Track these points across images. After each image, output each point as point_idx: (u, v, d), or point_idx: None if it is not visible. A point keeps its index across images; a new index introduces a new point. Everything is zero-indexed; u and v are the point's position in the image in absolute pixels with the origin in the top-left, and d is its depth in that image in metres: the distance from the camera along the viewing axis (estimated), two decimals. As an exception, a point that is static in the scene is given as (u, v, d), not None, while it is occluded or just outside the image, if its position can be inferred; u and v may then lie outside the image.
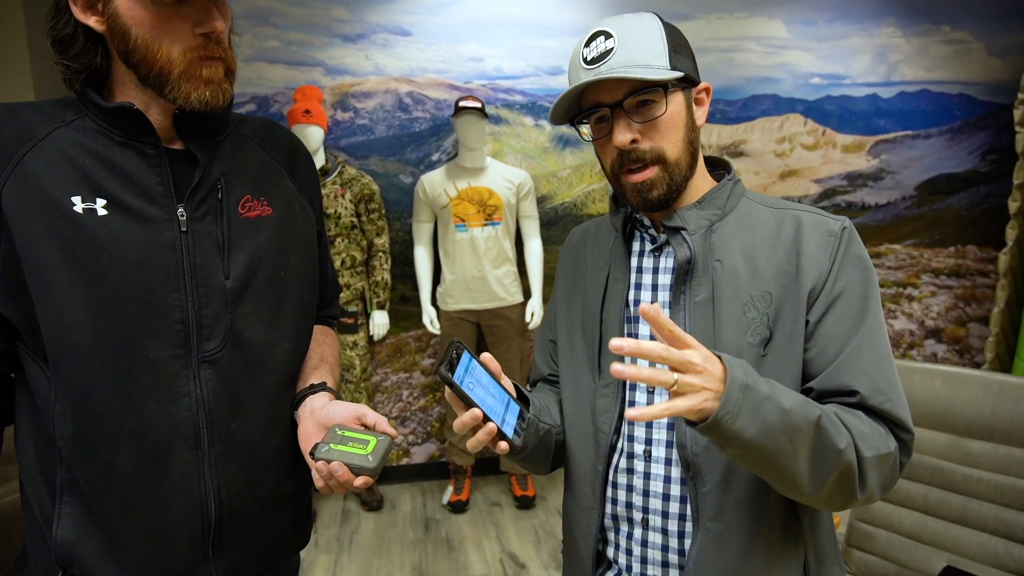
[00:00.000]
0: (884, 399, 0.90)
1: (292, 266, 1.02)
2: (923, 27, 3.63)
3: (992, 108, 3.72)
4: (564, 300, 1.13)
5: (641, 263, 1.03)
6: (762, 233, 0.97)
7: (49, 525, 0.92)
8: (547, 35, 3.42)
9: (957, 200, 3.78)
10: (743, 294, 0.94)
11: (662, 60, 0.93)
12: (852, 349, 0.90)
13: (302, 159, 1.10)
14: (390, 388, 3.54)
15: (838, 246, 0.93)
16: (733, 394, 0.78)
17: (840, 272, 0.92)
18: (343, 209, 3.09)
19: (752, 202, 1.01)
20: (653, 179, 0.95)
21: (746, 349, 0.92)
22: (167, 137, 0.94)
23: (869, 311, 0.92)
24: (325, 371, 1.07)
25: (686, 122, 0.96)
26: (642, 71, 0.91)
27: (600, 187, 3.57)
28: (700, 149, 1.00)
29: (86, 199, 0.87)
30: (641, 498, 1.00)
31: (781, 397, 0.81)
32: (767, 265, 0.94)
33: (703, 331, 0.94)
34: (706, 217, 0.98)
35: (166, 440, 0.91)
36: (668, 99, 0.93)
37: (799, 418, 0.81)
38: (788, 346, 0.92)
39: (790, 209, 0.99)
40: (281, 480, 1.02)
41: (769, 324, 0.92)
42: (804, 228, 0.95)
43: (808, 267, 0.93)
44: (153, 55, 0.86)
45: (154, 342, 0.89)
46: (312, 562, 2.87)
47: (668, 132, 0.94)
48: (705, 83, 1.00)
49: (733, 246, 0.96)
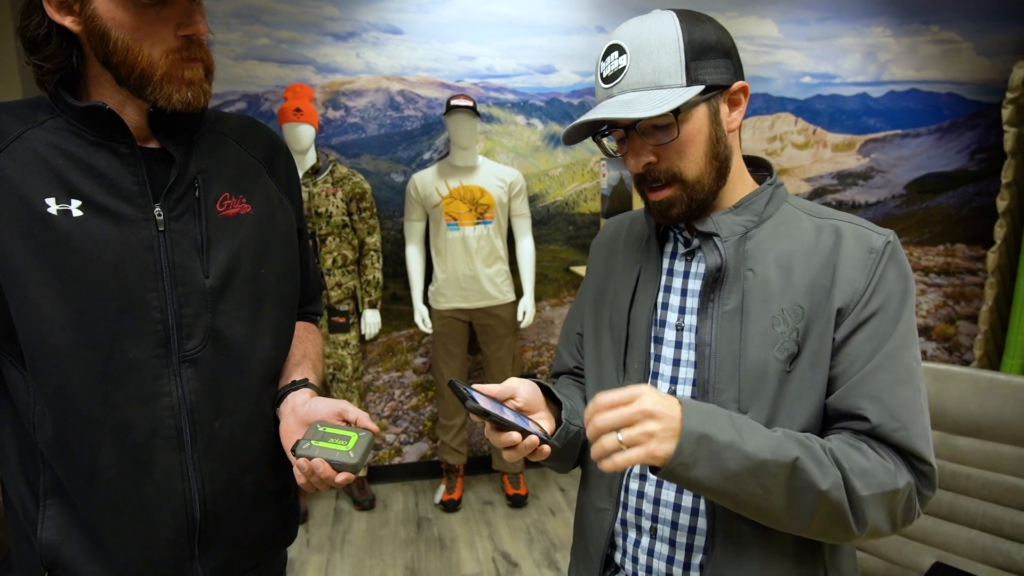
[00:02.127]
0: (897, 427, 0.84)
1: (272, 263, 1.02)
2: (912, 27, 3.65)
3: (981, 107, 3.74)
4: (593, 294, 1.10)
5: (673, 265, 1.00)
6: (800, 242, 0.92)
7: (33, 527, 0.92)
8: (539, 34, 3.42)
9: (946, 199, 3.81)
10: (773, 306, 0.89)
11: (676, 76, 0.87)
12: (868, 371, 0.85)
13: (281, 156, 1.10)
14: (382, 387, 3.53)
15: (878, 264, 0.88)
16: (687, 445, 0.76)
17: (875, 292, 0.87)
18: (334, 208, 3.08)
19: (793, 208, 0.96)
20: (671, 198, 0.91)
21: (771, 364, 0.88)
22: (142, 136, 0.93)
23: (896, 332, 0.86)
24: (307, 368, 1.07)
25: (708, 136, 0.90)
26: (650, 97, 0.86)
27: (592, 186, 3.58)
28: (734, 154, 0.94)
29: (60, 200, 0.86)
30: (651, 506, 0.97)
31: (746, 442, 0.78)
32: (802, 277, 0.89)
33: (729, 342, 0.90)
34: (741, 223, 0.93)
35: (148, 440, 0.90)
36: (681, 121, 0.88)
37: (768, 462, 0.78)
38: (815, 364, 0.87)
39: (832, 218, 0.93)
40: (265, 478, 1.02)
41: (798, 339, 0.88)
42: (844, 241, 0.90)
43: (842, 283, 0.88)
44: (134, 57, 0.85)
45: (133, 342, 0.89)
46: (304, 562, 2.87)
47: (686, 151, 0.90)
48: (740, 83, 0.92)
49: (768, 255, 0.92)
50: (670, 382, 0.96)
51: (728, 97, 0.92)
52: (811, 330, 0.88)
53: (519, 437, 0.86)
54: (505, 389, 0.92)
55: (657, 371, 0.98)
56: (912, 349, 0.88)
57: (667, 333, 0.98)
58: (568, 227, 3.59)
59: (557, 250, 3.60)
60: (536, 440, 0.87)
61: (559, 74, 3.47)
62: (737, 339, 0.90)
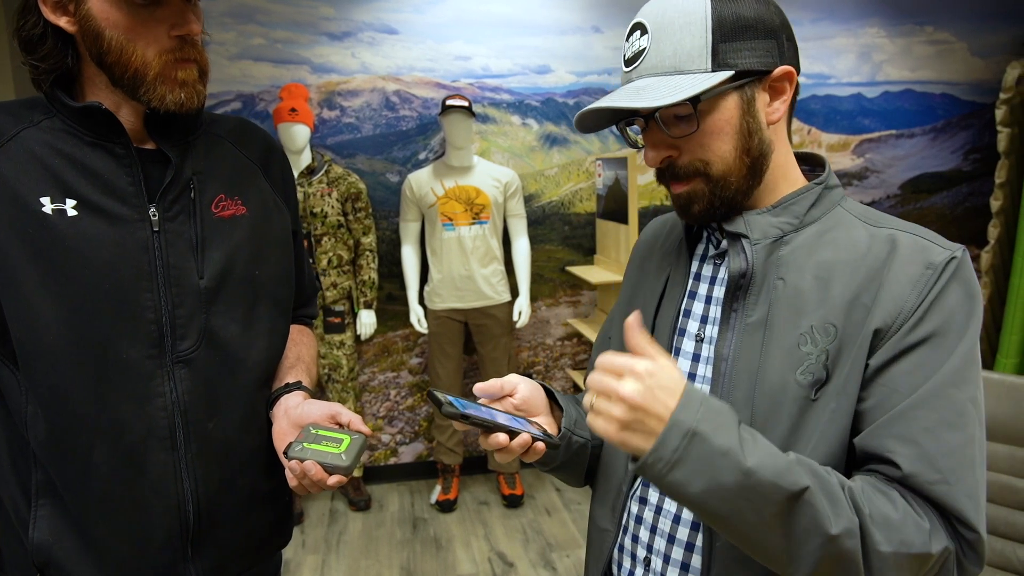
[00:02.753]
0: (936, 479, 0.69)
1: (267, 265, 1.02)
2: (907, 27, 3.66)
3: (975, 108, 3.75)
4: (626, 299, 1.01)
5: (701, 270, 0.89)
6: (847, 252, 0.78)
7: (25, 527, 0.91)
8: (534, 34, 3.42)
9: (940, 199, 3.82)
10: (803, 322, 0.77)
11: (700, 60, 0.76)
12: (906, 407, 0.71)
13: (276, 158, 1.10)
14: (377, 387, 3.53)
15: (935, 282, 0.74)
16: (671, 439, 0.65)
17: (928, 316, 0.73)
18: (330, 208, 3.08)
19: (847, 213, 0.83)
20: (691, 193, 0.81)
21: (791, 388, 0.76)
22: (138, 137, 0.93)
23: (948, 366, 0.72)
24: (301, 370, 1.07)
25: (739, 128, 0.79)
26: (665, 84, 0.76)
27: (587, 186, 3.58)
28: (775, 149, 0.82)
29: (55, 200, 0.86)
30: (648, 534, 0.87)
31: (747, 454, 0.65)
32: (842, 292, 0.76)
33: (748, 359, 0.79)
34: (778, 225, 0.81)
35: (142, 441, 0.90)
36: (703, 111, 0.78)
37: (768, 485, 0.65)
38: (842, 393, 0.74)
39: (892, 227, 0.80)
40: (259, 479, 1.02)
41: (827, 363, 0.75)
42: (898, 253, 0.76)
43: (885, 301, 0.74)
44: (128, 57, 0.85)
45: (128, 343, 0.89)
46: (300, 562, 2.86)
47: (710, 145, 0.79)
48: (783, 68, 0.79)
49: (805, 264, 0.79)
50: None
51: (769, 84, 0.79)
52: (843, 354, 0.75)
53: (506, 439, 0.80)
54: (506, 383, 0.88)
55: None
56: (968, 389, 0.73)
57: (686, 344, 0.88)
58: (564, 227, 3.59)
59: (553, 250, 3.60)
60: (527, 439, 0.81)
61: (555, 74, 3.48)
62: (757, 356, 0.78)
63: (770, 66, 0.78)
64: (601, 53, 3.48)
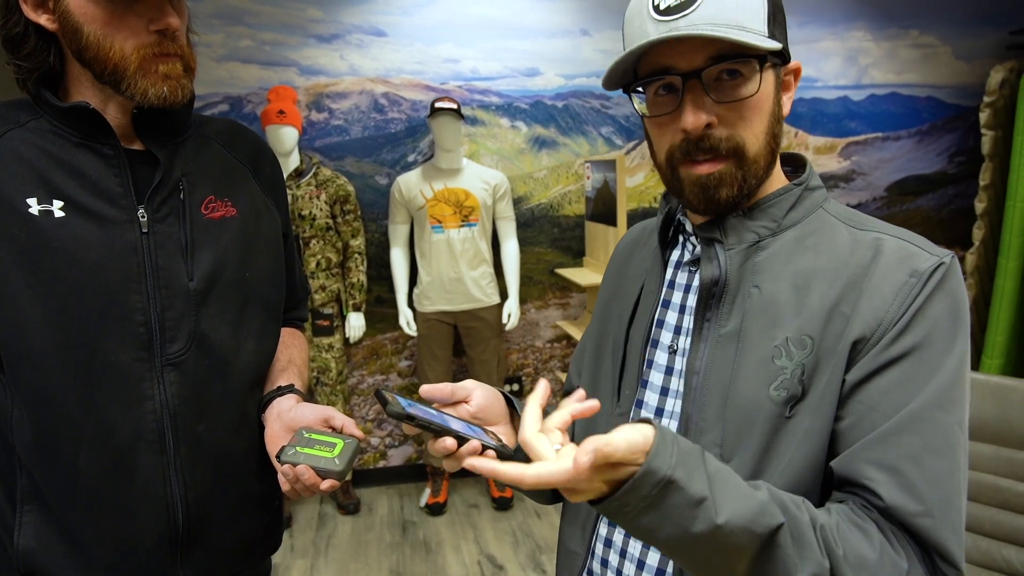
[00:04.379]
0: (919, 511, 0.64)
1: (257, 267, 1.01)
2: (892, 31, 3.69)
3: (959, 111, 3.79)
4: (601, 309, 0.96)
5: (675, 277, 0.84)
6: (828, 258, 0.73)
7: (10, 534, 0.90)
8: (523, 37, 3.42)
9: (926, 201, 3.85)
10: (778, 333, 0.71)
11: (760, 24, 0.70)
12: (887, 431, 0.65)
13: (267, 160, 1.09)
14: (367, 390, 3.52)
15: (919, 291, 0.68)
16: (643, 487, 0.57)
17: (910, 327, 0.67)
18: (318, 211, 3.07)
19: (830, 217, 0.77)
20: (722, 174, 0.73)
21: (764, 404, 0.70)
22: (126, 137, 0.92)
23: (933, 385, 0.66)
24: (293, 373, 1.06)
25: (772, 109, 0.74)
26: (738, 34, 0.68)
27: (576, 188, 3.59)
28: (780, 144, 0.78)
29: (42, 200, 0.85)
30: (617, 558, 0.81)
31: (719, 506, 0.58)
32: (821, 301, 0.70)
33: (720, 372, 0.74)
34: (754, 229, 0.76)
35: (130, 444, 0.89)
36: (763, 76, 0.71)
37: (740, 533, 0.59)
38: (817, 410, 0.69)
39: (877, 231, 0.74)
40: (250, 483, 1.01)
41: (803, 378, 0.69)
42: (881, 258, 0.71)
43: (865, 310, 0.68)
44: (106, 52, 0.85)
45: (116, 345, 0.88)
46: (288, 566, 2.84)
47: (753, 118, 0.73)
48: (796, 62, 0.76)
49: (782, 271, 0.74)
50: (655, 414, 0.81)
51: (783, 77, 0.76)
52: (821, 368, 0.69)
53: (453, 444, 0.73)
54: (458, 389, 0.81)
55: (643, 399, 0.83)
56: (955, 412, 0.66)
57: (659, 356, 0.82)
58: (553, 229, 3.60)
59: (542, 252, 3.60)
60: (477, 446, 0.74)
61: (543, 77, 3.48)
62: (729, 370, 0.73)
63: (788, 58, 0.75)
64: (590, 56, 3.49)
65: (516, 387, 3.64)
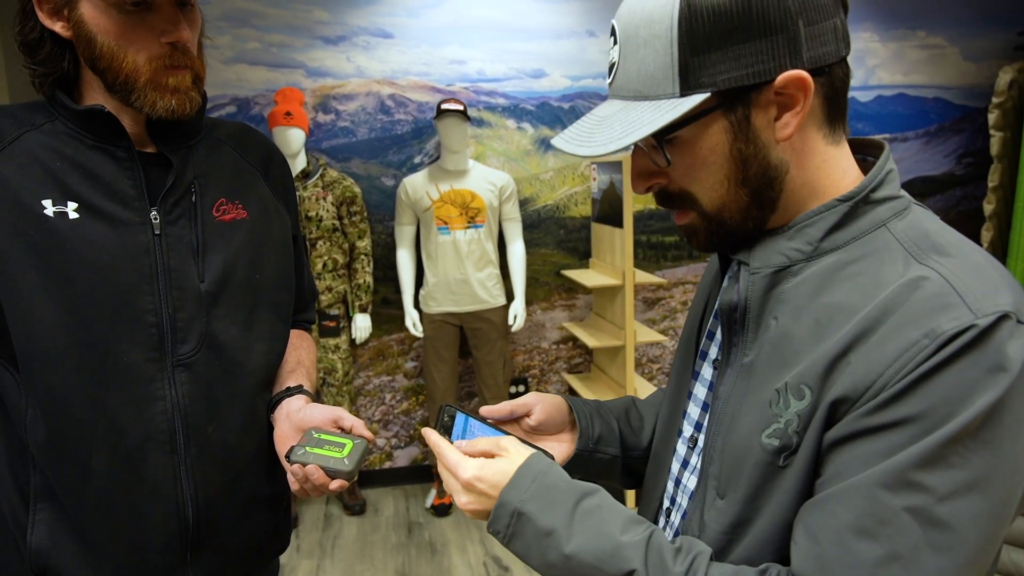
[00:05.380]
0: None
1: (267, 269, 1.02)
2: (899, 32, 3.68)
3: (967, 112, 3.78)
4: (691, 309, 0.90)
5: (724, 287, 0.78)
6: (861, 294, 0.61)
7: (23, 532, 0.91)
8: (529, 38, 3.43)
9: (933, 202, 3.84)
10: (781, 375, 0.63)
11: (667, 84, 0.62)
12: (828, 495, 0.59)
13: (277, 163, 1.10)
14: (373, 391, 3.52)
15: (929, 357, 0.55)
16: (501, 517, 0.68)
17: (907, 397, 0.56)
18: (325, 212, 3.07)
19: (892, 239, 0.63)
20: (690, 226, 0.70)
21: (754, 450, 0.64)
22: (139, 140, 0.93)
23: (896, 457, 0.55)
24: (302, 374, 1.07)
25: (729, 156, 0.64)
26: (628, 115, 0.64)
27: (582, 190, 3.59)
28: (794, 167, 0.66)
29: (57, 202, 0.86)
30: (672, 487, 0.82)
31: (572, 536, 0.65)
32: (832, 346, 0.60)
33: (734, 404, 0.68)
34: (784, 252, 0.66)
35: (141, 444, 0.90)
36: (684, 139, 0.65)
37: (589, 569, 0.64)
38: (807, 464, 0.62)
39: (931, 266, 0.60)
40: (259, 484, 1.01)
41: (797, 430, 0.61)
42: (909, 303, 0.58)
43: (857, 365, 0.58)
44: (119, 63, 0.85)
45: (128, 346, 0.88)
46: (294, 567, 2.85)
47: (695, 176, 0.66)
48: (790, 75, 0.60)
49: (808, 303, 0.64)
50: (695, 428, 0.78)
51: (772, 96, 0.62)
52: (815, 421, 0.61)
53: None
54: (518, 407, 0.86)
55: (686, 410, 0.80)
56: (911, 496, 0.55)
57: (705, 369, 0.78)
58: (559, 231, 3.60)
59: (548, 254, 3.60)
60: None
61: (549, 78, 3.48)
62: (740, 404, 0.67)
63: (767, 75, 0.61)
64: (596, 57, 3.49)
65: (522, 388, 3.64)
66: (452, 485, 0.74)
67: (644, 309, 3.74)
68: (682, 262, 3.73)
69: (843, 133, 0.68)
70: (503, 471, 0.70)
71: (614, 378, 3.28)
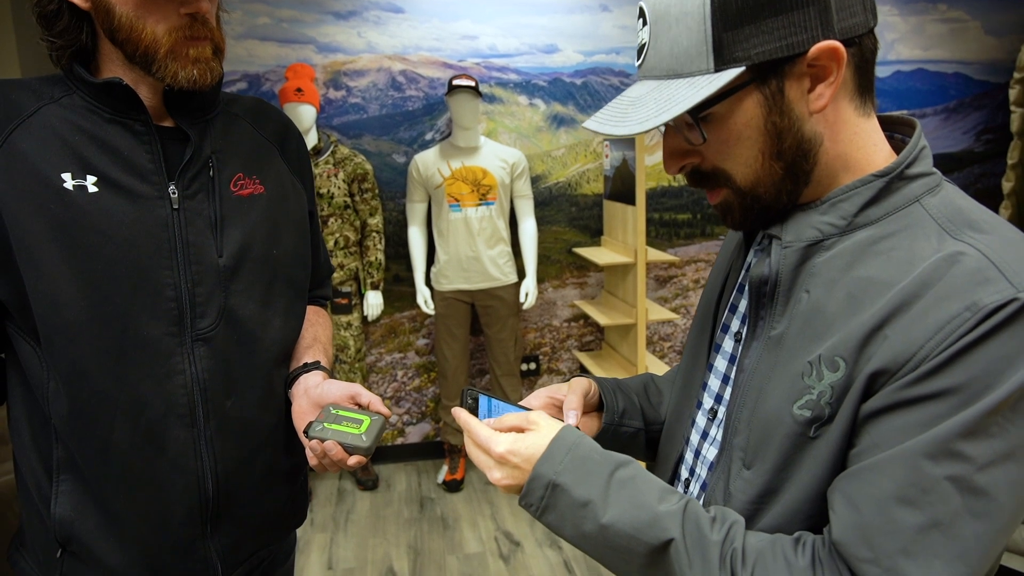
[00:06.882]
0: (866, 557, 0.58)
1: (284, 245, 1.02)
2: (919, 5, 3.61)
3: (988, 87, 3.71)
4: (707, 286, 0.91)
5: (752, 261, 0.79)
6: (895, 269, 0.62)
7: (47, 503, 0.92)
8: (541, 13, 3.38)
9: (952, 180, 3.78)
10: (814, 348, 0.64)
11: (700, 60, 0.63)
12: (868, 466, 0.60)
13: (293, 138, 1.10)
14: (384, 368, 3.54)
15: (971, 329, 0.56)
16: (535, 489, 0.69)
17: (948, 369, 0.57)
18: (336, 189, 3.07)
19: (925, 215, 0.65)
20: (724, 204, 0.71)
21: (785, 421, 0.65)
22: (157, 114, 0.93)
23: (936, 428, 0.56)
24: (319, 350, 1.07)
25: (764, 129, 0.65)
26: (659, 95, 0.65)
27: (594, 167, 3.56)
28: (827, 140, 0.66)
29: (76, 176, 0.86)
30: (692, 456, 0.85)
31: (608, 507, 0.65)
32: (867, 319, 0.61)
33: (761, 377, 0.69)
34: (817, 226, 0.67)
35: (161, 418, 0.91)
36: (713, 119, 0.66)
37: (626, 538, 0.65)
38: (840, 435, 0.62)
39: (967, 242, 0.61)
40: (277, 458, 1.02)
41: (831, 401, 0.62)
42: (948, 278, 0.59)
43: (895, 338, 0.59)
44: (138, 34, 0.85)
45: (147, 320, 0.89)
46: (308, 540, 2.89)
47: (729, 151, 0.67)
48: (823, 45, 0.61)
49: (840, 277, 0.65)
50: (715, 400, 0.79)
51: (806, 68, 0.63)
52: (851, 392, 0.62)
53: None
54: (555, 393, 0.90)
55: (706, 382, 0.82)
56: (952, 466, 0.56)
57: (726, 343, 0.79)
58: (571, 208, 3.58)
59: (560, 231, 3.59)
60: None
61: (562, 53, 3.44)
62: (768, 376, 0.69)
63: (800, 47, 0.61)
64: (609, 32, 3.44)
65: (533, 366, 3.65)
66: (484, 461, 0.74)
67: (656, 287, 3.72)
68: (694, 240, 3.70)
69: (872, 106, 0.69)
70: (536, 444, 0.71)
71: (625, 356, 3.28)
